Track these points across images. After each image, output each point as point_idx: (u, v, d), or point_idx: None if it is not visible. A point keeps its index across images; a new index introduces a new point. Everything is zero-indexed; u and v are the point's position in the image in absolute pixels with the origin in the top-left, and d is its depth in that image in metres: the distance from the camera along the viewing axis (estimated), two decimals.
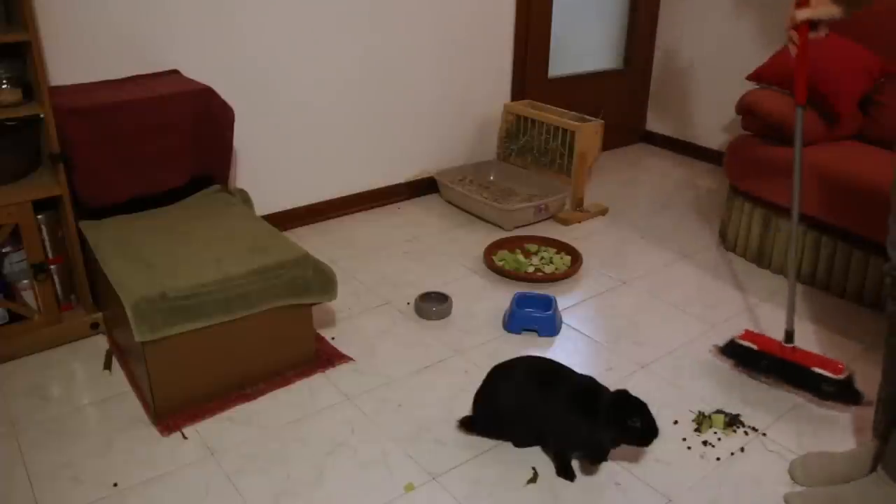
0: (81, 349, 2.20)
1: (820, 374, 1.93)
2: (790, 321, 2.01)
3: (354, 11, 2.93)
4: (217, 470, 1.74)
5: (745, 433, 1.89)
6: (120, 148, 2.15)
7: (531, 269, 2.71)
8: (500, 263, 2.73)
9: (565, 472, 1.73)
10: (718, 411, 1.95)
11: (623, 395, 1.68)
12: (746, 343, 2.08)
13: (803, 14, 1.70)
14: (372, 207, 3.29)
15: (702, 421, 1.92)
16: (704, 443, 1.85)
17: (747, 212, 2.81)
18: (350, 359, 2.18)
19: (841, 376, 1.92)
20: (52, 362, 2.14)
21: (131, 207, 2.25)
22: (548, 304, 2.36)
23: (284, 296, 1.99)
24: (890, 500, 1.52)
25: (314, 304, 2.08)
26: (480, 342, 2.28)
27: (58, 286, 2.21)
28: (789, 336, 2.02)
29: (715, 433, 1.89)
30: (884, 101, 2.72)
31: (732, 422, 1.92)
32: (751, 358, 2.08)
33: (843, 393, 1.93)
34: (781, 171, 2.58)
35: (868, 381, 2.11)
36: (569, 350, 2.26)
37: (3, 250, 2.16)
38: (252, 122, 2.80)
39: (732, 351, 2.12)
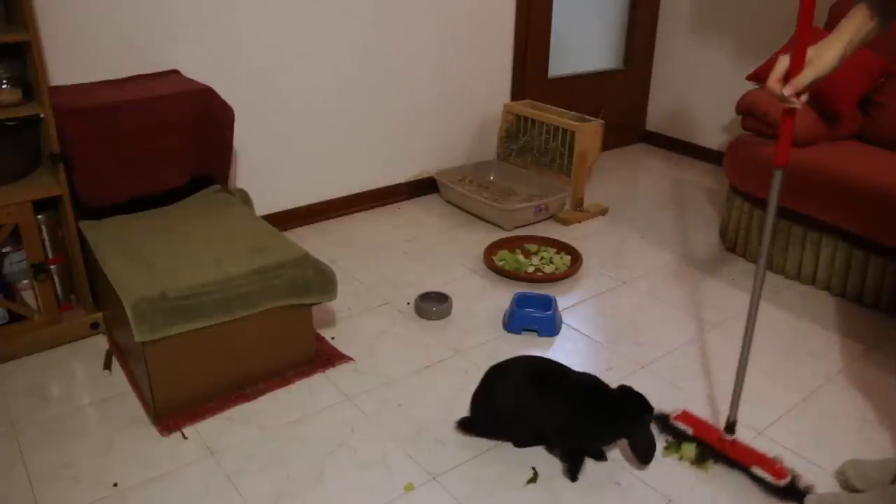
0: (81, 349, 2.20)
1: (760, 478, 1.70)
2: (734, 411, 1.76)
3: (354, 11, 2.93)
4: (217, 470, 1.74)
5: (714, 463, 1.77)
6: (120, 148, 2.15)
7: (531, 269, 2.71)
8: (500, 263, 2.73)
9: (575, 473, 1.73)
10: (696, 443, 1.80)
11: (629, 390, 1.71)
12: (681, 425, 1.85)
13: (808, 77, 1.38)
14: (372, 207, 3.29)
15: (670, 445, 1.82)
16: None
17: (747, 212, 2.81)
18: (350, 359, 2.18)
19: (783, 482, 1.67)
20: (52, 362, 2.14)
21: (131, 207, 2.25)
22: (548, 304, 2.35)
23: (284, 296, 1.99)
24: None
25: (314, 304, 2.08)
26: (480, 342, 2.28)
27: (58, 286, 2.21)
28: (730, 427, 1.77)
29: (680, 459, 1.79)
30: (884, 101, 2.72)
31: (703, 456, 1.77)
32: (685, 439, 1.85)
33: (784, 496, 1.68)
34: None
35: (870, 383, 2.11)
36: (569, 350, 2.26)
37: (3, 250, 2.16)
38: (252, 122, 2.80)
39: (665, 428, 1.89)
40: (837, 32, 1.37)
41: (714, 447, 1.79)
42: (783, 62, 1.42)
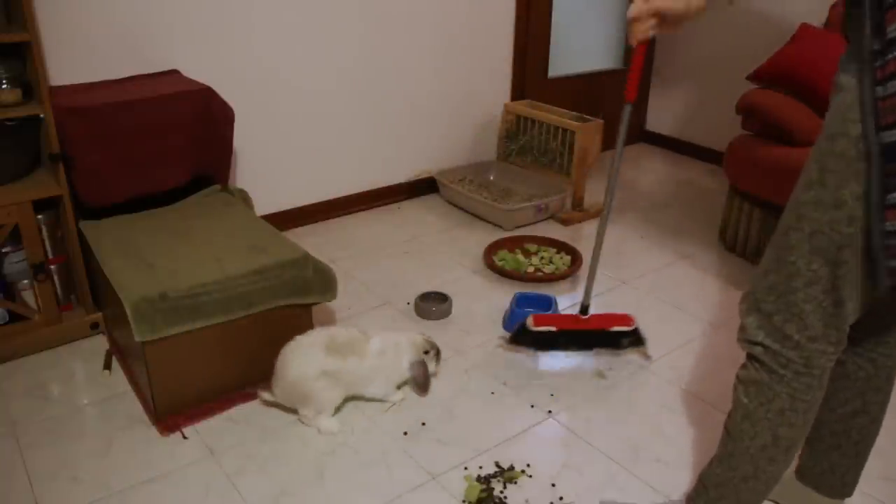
0: (81, 349, 2.20)
1: (619, 332, 2.14)
2: (588, 296, 2.12)
3: (354, 11, 2.93)
4: (217, 470, 1.74)
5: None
6: (120, 148, 2.15)
7: (531, 269, 2.71)
8: (500, 263, 2.73)
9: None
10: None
11: None
12: (542, 328, 2.12)
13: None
14: (372, 207, 3.29)
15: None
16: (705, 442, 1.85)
17: (747, 212, 2.81)
18: None
19: (633, 326, 2.14)
20: (52, 362, 2.14)
21: (131, 207, 2.24)
22: (548, 304, 2.35)
23: (284, 296, 1.99)
24: None
25: (314, 304, 2.08)
26: (480, 342, 2.28)
27: (58, 286, 2.21)
28: (585, 309, 2.13)
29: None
30: None
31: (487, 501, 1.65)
32: (547, 339, 2.15)
33: (635, 341, 2.18)
34: (781, 171, 2.58)
35: None
36: None
37: (3, 250, 2.16)
38: (252, 121, 2.80)
39: (527, 339, 2.16)
40: None
41: (578, 329, 2.13)
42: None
